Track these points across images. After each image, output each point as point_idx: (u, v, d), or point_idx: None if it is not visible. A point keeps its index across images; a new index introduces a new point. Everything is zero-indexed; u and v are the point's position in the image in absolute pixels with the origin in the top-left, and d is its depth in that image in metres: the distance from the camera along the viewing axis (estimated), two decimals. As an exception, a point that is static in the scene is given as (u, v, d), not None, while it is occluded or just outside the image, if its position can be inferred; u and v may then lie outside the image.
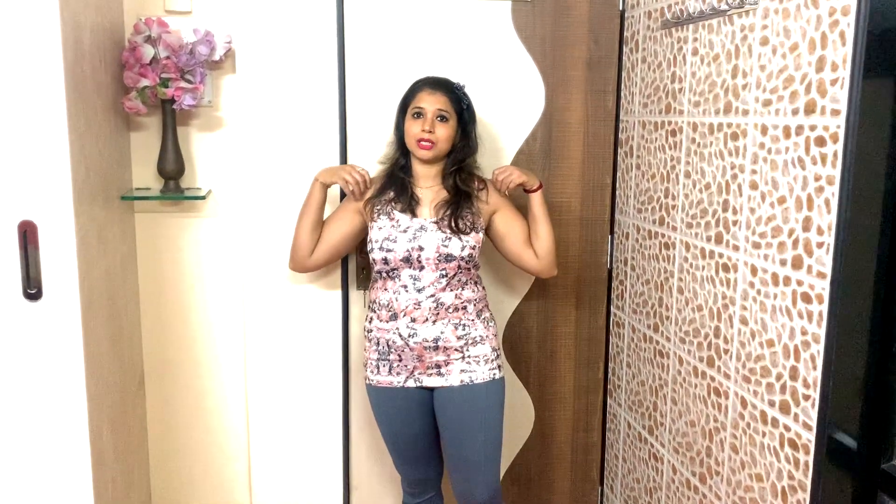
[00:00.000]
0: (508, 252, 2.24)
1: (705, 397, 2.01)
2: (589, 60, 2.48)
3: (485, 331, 2.19)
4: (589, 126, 2.52)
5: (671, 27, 2.15)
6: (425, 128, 2.09)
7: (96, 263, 1.98)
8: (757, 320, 1.77)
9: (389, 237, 2.10)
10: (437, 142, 2.11)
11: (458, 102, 2.16)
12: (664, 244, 2.22)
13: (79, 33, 1.85)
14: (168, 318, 2.46)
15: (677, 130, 2.13)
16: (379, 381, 2.17)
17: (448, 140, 2.13)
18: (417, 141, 2.11)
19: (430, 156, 2.13)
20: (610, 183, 2.56)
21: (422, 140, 2.10)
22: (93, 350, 1.92)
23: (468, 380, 2.15)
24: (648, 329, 2.34)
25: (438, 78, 2.19)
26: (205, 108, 2.37)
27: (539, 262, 2.22)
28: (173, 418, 2.51)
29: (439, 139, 2.11)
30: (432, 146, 2.11)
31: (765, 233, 1.73)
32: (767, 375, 1.73)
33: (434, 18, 2.39)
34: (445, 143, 2.13)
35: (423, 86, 2.16)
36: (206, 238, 2.43)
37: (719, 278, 1.93)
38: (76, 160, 1.81)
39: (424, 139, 2.10)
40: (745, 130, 1.80)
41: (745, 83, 1.80)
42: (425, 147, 2.11)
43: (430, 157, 2.13)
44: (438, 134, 2.11)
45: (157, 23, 2.22)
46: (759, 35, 1.73)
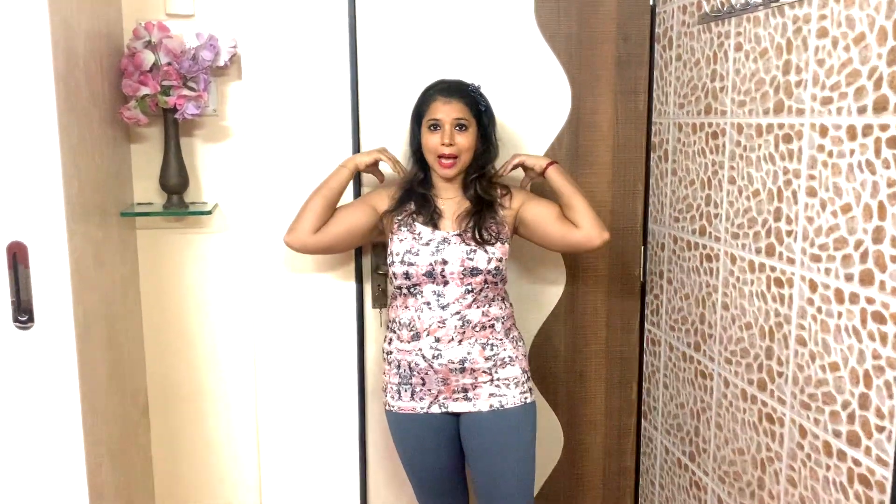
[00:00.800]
0: (549, 236, 2.04)
1: (756, 423, 1.84)
2: (618, 59, 2.32)
3: (514, 351, 2.03)
4: (619, 129, 2.36)
5: (710, 21, 1.98)
6: (444, 140, 1.94)
7: (93, 286, 1.83)
8: (817, 341, 1.60)
9: (411, 250, 1.95)
10: (458, 154, 1.96)
11: (475, 106, 2.00)
12: (706, 256, 2.05)
13: (72, 39, 1.72)
14: (173, 342, 2.32)
15: (719, 133, 1.96)
16: (400, 407, 2.02)
17: (470, 150, 1.99)
18: (438, 158, 1.97)
19: (453, 173, 1.99)
20: (643, 190, 2.39)
21: (442, 157, 1.96)
22: (90, 381, 1.77)
23: (498, 405, 1.99)
24: (688, 348, 2.17)
25: (451, 82, 2.03)
26: (210, 118, 2.23)
27: (583, 231, 1.98)
28: (180, 448, 2.36)
29: (461, 150, 1.96)
30: (454, 163, 1.97)
31: (826, 244, 1.56)
32: (831, 403, 1.56)
33: (452, 17, 2.23)
34: (467, 154, 1.99)
35: (436, 94, 1.99)
36: (212, 255, 2.29)
37: (771, 294, 1.76)
38: (69, 175, 1.67)
39: (445, 155, 1.96)
40: (799, 132, 1.63)
41: (799, 80, 1.63)
42: (447, 165, 1.97)
43: (453, 174, 2.00)
44: (459, 145, 1.96)
45: (158, 27, 2.08)
46: (816, 27, 1.57)
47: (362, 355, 2.32)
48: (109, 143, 2.02)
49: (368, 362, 2.33)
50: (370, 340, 2.32)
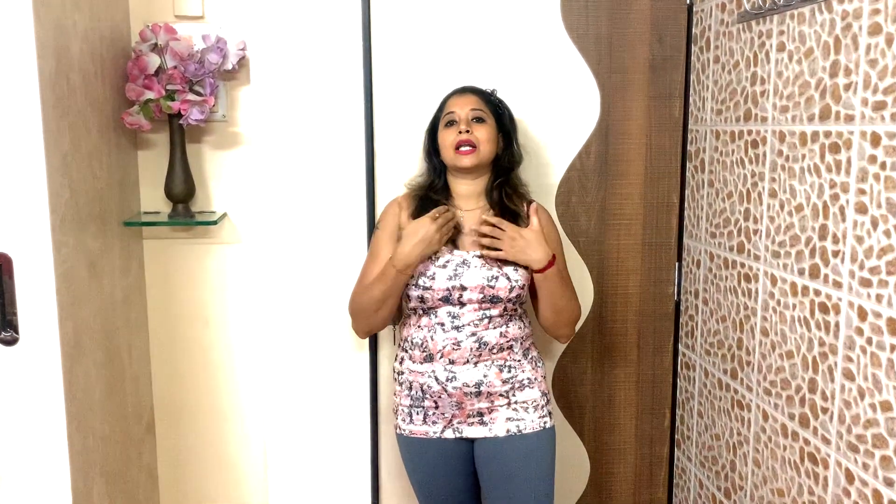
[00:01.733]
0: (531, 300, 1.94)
1: (797, 463, 1.66)
2: (652, 62, 2.16)
3: (533, 372, 1.88)
4: (652, 137, 2.19)
5: (750, 20, 1.82)
6: (462, 128, 1.81)
7: (87, 299, 1.75)
8: (867, 376, 1.42)
9: (426, 273, 1.81)
10: (477, 144, 1.81)
11: (492, 105, 1.89)
12: (744, 276, 1.88)
13: (63, 40, 1.63)
14: (180, 356, 2.23)
15: (759, 141, 1.79)
16: (412, 430, 1.89)
17: (489, 142, 1.84)
18: (456, 148, 1.82)
19: (472, 162, 1.82)
20: (677, 202, 2.22)
21: (460, 144, 1.81)
22: (79, 399, 1.68)
23: (515, 429, 1.85)
24: (725, 375, 1.99)
25: (465, 85, 1.94)
26: (218, 123, 2.14)
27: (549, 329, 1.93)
28: (187, 467, 2.27)
29: (479, 141, 1.82)
30: (473, 150, 1.81)
31: (877, 268, 1.38)
32: (882, 446, 1.38)
33: (472, 18, 2.10)
34: (487, 146, 1.84)
35: (451, 95, 1.91)
36: (220, 267, 2.20)
37: (815, 320, 1.58)
38: (57, 184, 1.59)
39: (463, 141, 1.81)
40: (848, 141, 1.46)
41: (848, 83, 1.45)
42: (465, 152, 1.81)
43: (472, 163, 1.82)
44: (477, 135, 1.82)
45: (165, 29, 1.99)
46: (868, 23, 1.39)
47: (375, 374, 2.20)
48: (112, 149, 1.94)
49: (382, 382, 2.21)
50: (384, 358, 2.20)
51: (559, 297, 1.85)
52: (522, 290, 1.83)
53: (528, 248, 1.77)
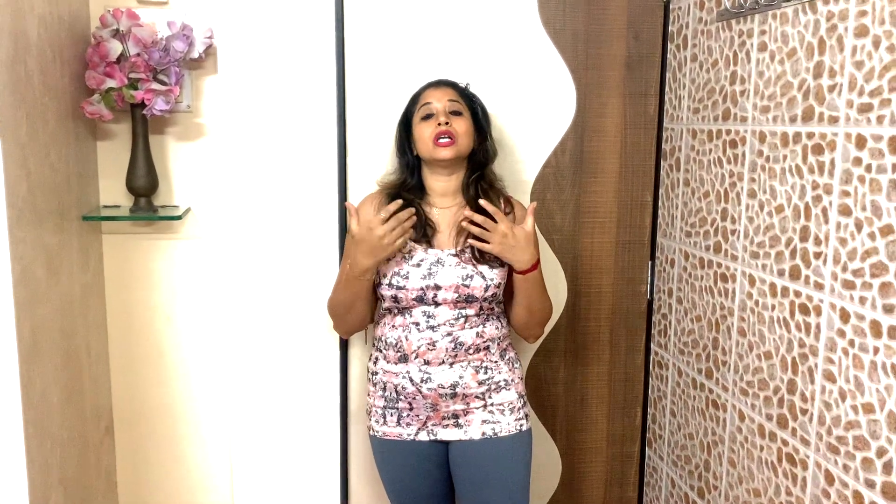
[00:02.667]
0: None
1: (775, 464, 1.66)
2: (628, 59, 2.14)
3: (509, 374, 1.85)
4: (627, 135, 2.18)
5: (730, 18, 1.81)
6: (441, 120, 1.77)
7: (44, 298, 1.66)
8: (848, 378, 1.42)
9: (399, 272, 1.76)
10: (456, 136, 1.77)
11: (468, 99, 1.85)
12: (721, 275, 1.87)
13: (20, 23, 1.54)
14: (140, 356, 2.14)
15: (738, 141, 1.78)
16: (385, 432, 1.84)
17: (467, 135, 1.80)
18: (435, 140, 1.77)
19: (451, 154, 1.77)
20: (651, 200, 2.21)
21: (439, 136, 1.76)
22: (37, 403, 1.60)
23: (491, 432, 1.81)
24: (699, 374, 1.99)
25: (440, 78, 1.90)
26: (183, 114, 2.05)
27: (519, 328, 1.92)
28: (146, 469, 2.19)
29: (458, 133, 1.77)
30: (453, 141, 1.77)
31: (861, 270, 1.38)
32: (864, 448, 1.38)
33: (448, 9, 2.06)
34: (465, 139, 1.80)
35: (426, 87, 1.87)
36: (183, 263, 2.11)
37: (795, 322, 1.58)
38: (14, 176, 1.50)
39: (442, 133, 1.76)
40: (832, 142, 1.45)
41: (832, 84, 1.45)
42: (444, 144, 1.76)
43: (452, 155, 1.77)
44: (456, 127, 1.78)
45: (127, 14, 1.90)
46: (854, 24, 1.39)
47: (345, 373, 2.15)
48: (71, 140, 1.84)
49: (352, 381, 2.15)
50: (354, 357, 2.15)
51: (536, 299, 1.83)
52: (498, 290, 1.79)
53: (517, 247, 1.73)
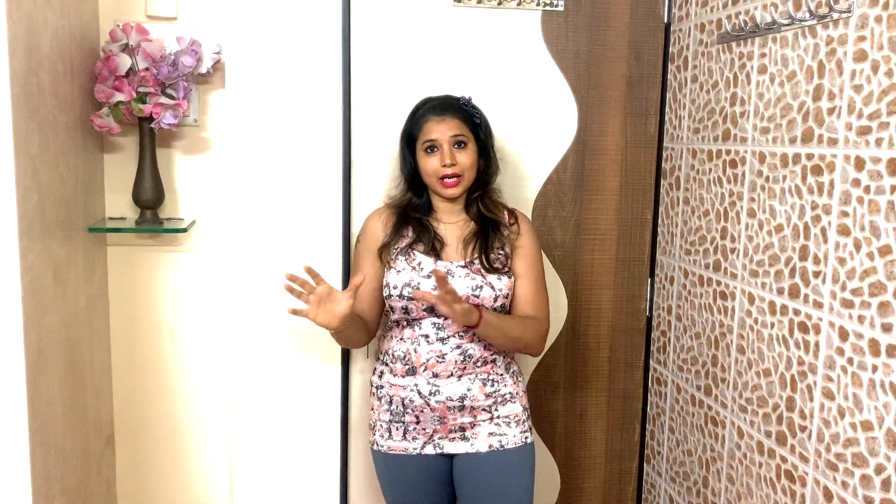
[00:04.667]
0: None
1: (774, 480, 1.68)
2: (629, 79, 2.18)
3: (514, 387, 1.87)
4: (628, 153, 2.21)
5: (731, 41, 1.84)
6: (445, 161, 1.78)
7: (51, 308, 1.67)
8: (847, 396, 1.44)
9: (411, 283, 1.77)
10: (462, 173, 1.80)
11: (470, 120, 1.84)
12: (720, 293, 1.89)
13: (34, 37, 1.56)
14: (143, 368, 2.15)
15: (738, 161, 1.81)
16: (391, 446, 1.84)
17: (472, 167, 1.82)
18: (440, 179, 1.80)
19: (459, 192, 1.82)
20: (651, 218, 2.24)
21: (445, 177, 1.79)
22: (42, 413, 1.61)
23: (498, 444, 1.83)
24: (698, 391, 2.01)
25: (440, 99, 1.87)
26: (189, 128, 2.07)
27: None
28: (147, 481, 2.19)
29: (464, 168, 1.80)
30: (459, 181, 1.80)
31: (859, 289, 1.41)
32: (862, 465, 1.40)
33: (453, 30, 2.09)
34: (471, 172, 1.82)
35: (427, 114, 1.83)
36: (188, 276, 2.13)
37: (794, 339, 1.60)
38: (24, 187, 1.51)
39: (448, 175, 1.79)
40: (831, 164, 1.48)
41: (832, 107, 1.48)
42: (451, 184, 1.80)
43: (459, 193, 1.83)
44: (461, 162, 1.79)
45: (137, 29, 1.93)
46: (853, 49, 1.42)
47: (346, 387, 2.16)
48: (79, 152, 1.86)
49: (353, 395, 2.16)
50: (355, 371, 2.16)
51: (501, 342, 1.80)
52: (506, 300, 1.81)
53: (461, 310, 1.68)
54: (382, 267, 1.84)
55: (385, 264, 1.83)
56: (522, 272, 1.86)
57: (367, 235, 1.87)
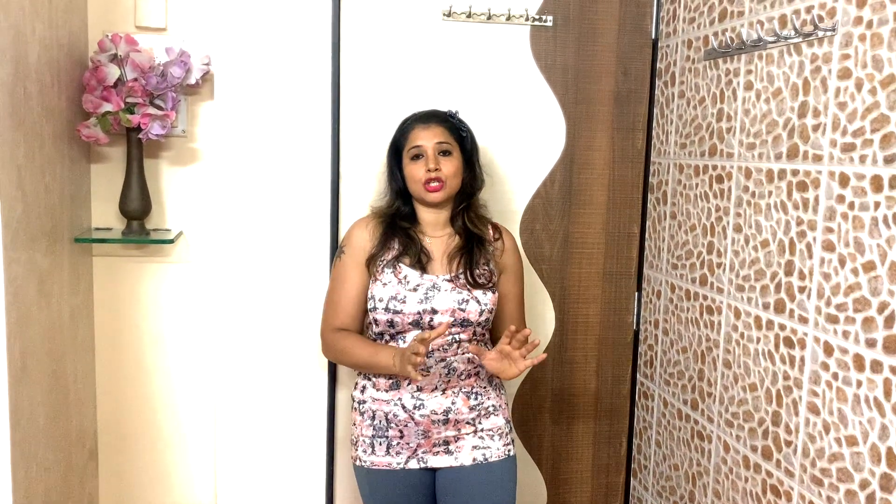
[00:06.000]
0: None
1: (759, 495, 1.68)
2: (616, 94, 2.19)
3: (497, 399, 1.87)
4: (615, 168, 2.22)
5: (717, 58, 1.86)
6: (429, 166, 1.79)
7: (35, 319, 1.65)
8: (832, 411, 1.45)
9: (397, 296, 1.78)
10: (445, 179, 1.80)
11: (456, 132, 1.86)
12: (706, 307, 1.90)
13: (22, 47, 1.56)
14: (128, 380, 2.13)
15: (725, 176, 1.83)
16: (374, 462, 1.84)
17: (456, 175, 1.83)
18: (424, 184, 1.80)
19: (441, 198, 1.82)
20: (638, 233, 2.25)
21: (429, 181, 1.79)
22: (25, 426, 1.59)
23: (482, 458, 1.83)
24: (685, 405, 2.01)
25: (428, 111, 1.90)
26: (177, 139, 2.07)
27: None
28: (130, 494, 2.16)
29: (448, 176, 1.80)
30: (442, 185, 1.80)
31: (844, 305, 1.42)
32: (847, 480, 1.41)
33: (442, 44, 2.10)
34: (455, 180, 1.83)
35: (414, 123, 1.86)
36: (174, 287, 2.12)
37: (780, 354, 1.61)
38: (10, 197, 1.50)
39: (432, 179, 1.79)
40: (816, 180, 1.50)
41: (816, 123, 1.50)
42: (434, 188, 1.80)
43: (441, 198, 1.82)
44: (445, 171, 1.80)
45: (125, 40, 1.92)
46: (838, 66, 1.44)
47: (333, 399, 2.15)
48: (65, 162, 1.85)
49: (339, 409, 2.15)
50: (342, 385, 2.15)
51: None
52: (491, 314, 1.82)
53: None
54: (369, 278, 1.83)
55: (371, 276, 1.83)
56: (508, 291, 1.90)
57: (354, 246, 1.86)
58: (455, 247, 1.85)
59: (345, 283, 1.84)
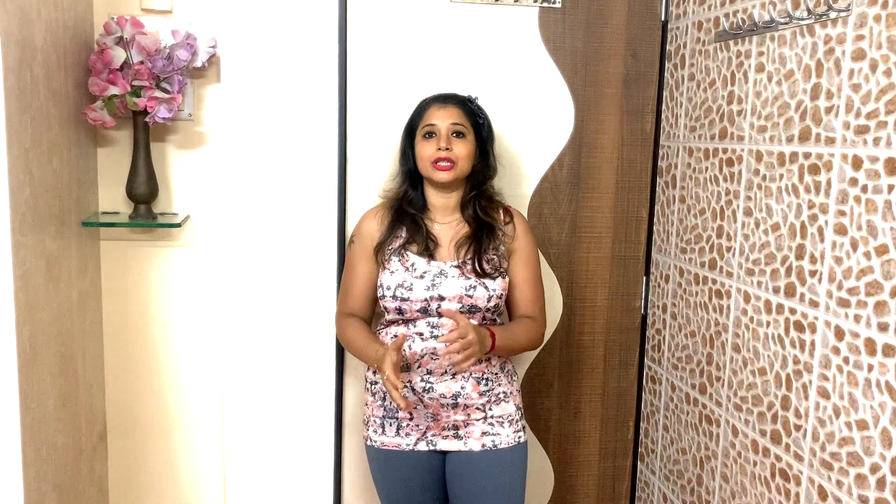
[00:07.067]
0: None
1: (768, 479, 1.68)
2: (625, 77, 2.17)
3: (509, 386, 1.87)
4: (624, 151, 2.20)
5: (728, 40, 1.84)
6: (441, 145, 1.77)
7: (44, 303, 1.66)
8: (843, 395, 1.44)
9: (404, 284, 1.77)
10: (456, 160, 1.78)
11: (472, 116, 1.85)
12: (715, 292, 1.89)
13: (28, 29, 1.55)
14: (136, 363, 2.13)
15: (735, 160, 1.81)
16: (384, 442, 1.84)
17: (468, 158, 1.81)
18: (433, 162, 1.78)
19: (450, 178, 1.80)
20: (646, 217, 2.24)
21: (438, 160, 1.78)
22: (34, 409, 1.59)
23: (491, 444, 1.83)
24: (693, 389, 2.01)
25: (446, 92, 1.90)
26: (184, 122, 2.06)
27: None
28: (139, 477, 2.18)
29: (458, 157, 1.79)
30: (452, 166, 1.78)
31: (856, 288, 1.41)
32: (857, 465, 1.40)
33: (450, 26, 2.08)
34: (465, 162, 1.81)
35: (431, 102, 1.86)
36: (181, 271, 2.11)
37: (790, 338, 1.60)
38: (17, 181, 1.50)
39: (442, 158, 1.77)
40: (828, 163, 1.48)
41: (829, 106, 1.48)
42: (443, 168, 1.78)
43: (450, 178, 1.80)
44: (457, 151, 1.79)
45: (131, 22, 1.91)
46: (852, 48, 1.42)
47: (341, 384, 2.15)
48: (72, 145, 1.85)
49: (348, 392, 2.16)
50: (350, 368, 2.15)
51: (515, 352, 1.90)
52: (500, 300, 1.81)
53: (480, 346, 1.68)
54: (378, 266, 1.83)
55: (380, 264, 1.82)
56: (520, 273, 1.88)
57: (363, 235, 1.87)
58: (464, 235, 1.84)
59: (355, 272, 1.86)
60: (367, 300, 1.88)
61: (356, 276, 1.86)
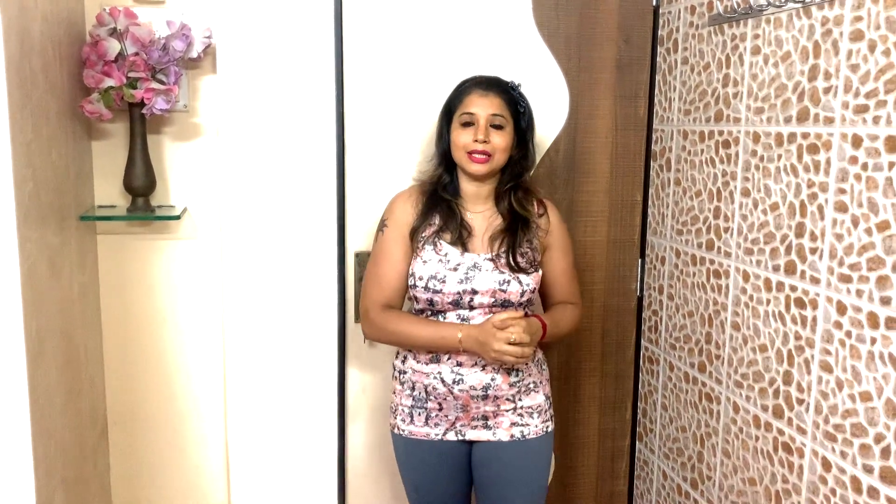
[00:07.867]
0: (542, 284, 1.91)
1: (771, 453, 1.72)
2: (618, 62, 2.19)
3: (539, 376, 1.87)
4: (618, 136, 2.23)
5: (723, 23, 1.87)
6: (478, 137, 1.74)
7: (48, 297, 1.64)
8: (846, 368, 1.48)
9: (437, 275, 1.75)
10: (492, 153, 1.75)
11: (514, 105, 1.80)
12: (713, 272, 1.93)
13: (26, 21, 1.53)
14: (136, 357, 2.12)
15: (732, 141, 1.84)
16: (412, 431, 1.84)
17: (505, 151, 1.78)
18: (469, 154, 1.75)
19: (484, 170, 1.77)
20: (640, 200, 2.27)
21: (474, 152, 1.75)
22: (43, 403, 1.59)
23: (519, 434, 1.83)
24: (692, 368, 2.04)
25: (490, 77, 1.83)
26: (180, 114, 2.04)
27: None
28: (141, 473, 2.17)
29: (495, 150, 1.75)
30: (488, 159, 1.75)
31: (857, 264, 1.44)
32: (861, 435, 1.44)
33: (445, 11, 2.08)
34: (502, 155, 1.78)
35: (473, 87, 1.79)
36: (180, 263, 2.10)
37: (791, 315, 1.64)
38: (21, 175, 1.49)
39: (478, 151, 1.75)
40: (827, 142, 1.52)
41: (828, 86, 1.51)
42: (479, 160, 1.75)
43: (484, 171, 1.77)
44: (494, 144, 1.75)
45: (124, 13, 1.89)
46: (850, 29, 1.45)
47: (343, 374, 2.15)
48: (69, 139, 1.83)
49: (350, 382, 2.16)
50: (352, 357, 2.16)
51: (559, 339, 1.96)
52: (533, 294, 1.81)
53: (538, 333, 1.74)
54: (412, 251, 1.80)
55: (413, 250, 1.80)
56: (558, 265, 1.89)
57: (398, 220, 1.81)
58: (498, 227, 1.81)
59: (390, 258, 1.80)
60: (403, 287, 1.81)
61: (392, 263, 1.79)
